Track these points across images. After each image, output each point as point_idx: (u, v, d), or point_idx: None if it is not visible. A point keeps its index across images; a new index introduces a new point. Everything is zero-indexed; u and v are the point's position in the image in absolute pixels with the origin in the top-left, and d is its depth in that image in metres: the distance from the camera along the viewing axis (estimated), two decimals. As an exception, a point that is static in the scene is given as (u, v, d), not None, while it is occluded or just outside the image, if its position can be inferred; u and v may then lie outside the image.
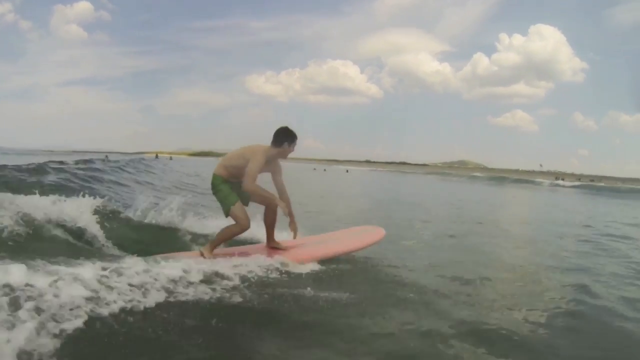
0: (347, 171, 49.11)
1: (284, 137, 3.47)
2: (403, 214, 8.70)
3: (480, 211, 10.84)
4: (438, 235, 5.98)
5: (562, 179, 51.99)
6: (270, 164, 3.52)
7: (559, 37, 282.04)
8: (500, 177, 48.95)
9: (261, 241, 3.91)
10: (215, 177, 3.52)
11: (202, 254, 3.36)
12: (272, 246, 3.72)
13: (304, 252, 3.61)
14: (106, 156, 26.79)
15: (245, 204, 3.56)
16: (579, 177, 58.22)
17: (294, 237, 3.73)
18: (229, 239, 3.62)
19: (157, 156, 47.14)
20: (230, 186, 3.48)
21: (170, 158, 46.71)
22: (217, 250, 3.50)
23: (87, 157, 21.74)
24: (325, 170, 47.82)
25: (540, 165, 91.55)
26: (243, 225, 3.40)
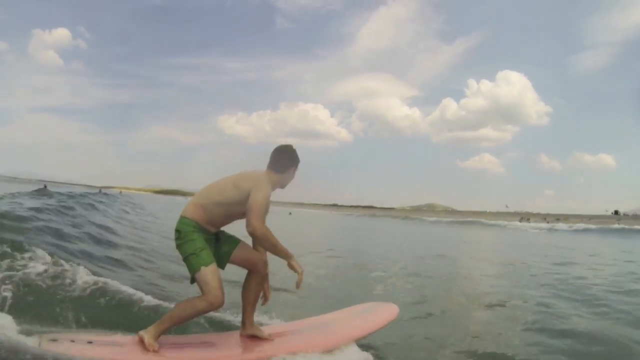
0: (290, 213, 45.77)
1: (291, 159, 2.59)
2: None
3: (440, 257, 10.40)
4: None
5: (528, 220, 52.70)
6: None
7: (525, 82, 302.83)
8: (467, 221, 49.39)
9: (232, 326, 2.93)
10: (184, 222, 2.45)
11: (141, 340, 2.30)
12: (251, 334, 2.63)
13: (298, 343, 2.52)
14: (44, 185, 25.00)
15: (221, 266, 2.52)
16: (544, 217, 59.99)
17: (298, 287, 2.49)
18: (188, 320, 2.45)
19: (120, 192, 45.36)
20: (205, 238, 2.44)
21: (120, 192, 44.25)
22: (164, 338, 2.38)
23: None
24: (290, 213, 45.70)
25: (507, 207, 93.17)
26: (215, 299, 2.31)
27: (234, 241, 2.57)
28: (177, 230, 2.42)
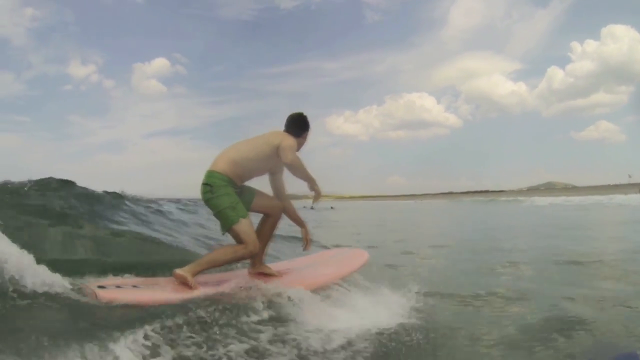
0: (332, 208, 39.71)
1: (305, 124, 2.83)
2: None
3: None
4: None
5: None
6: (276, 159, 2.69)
7: (633, 34, 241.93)
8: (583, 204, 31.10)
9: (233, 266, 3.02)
10: (215, 175, 2.58)
11: (182, 280, 2.39)
12: (260, 271, 2.79)
13: (303, 279, 2.71)
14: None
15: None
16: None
17: (307, 248, 3.01)
18: (225, 264, 2.67)
19: (332, 207, 42.32)
20: (236, 191, 2.63)
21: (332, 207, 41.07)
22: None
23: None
24: (332, 207, 40.26)
25: (630, 177, 79.52)
26: (254, 247, 2.57)
27: (252, 191, 2.78)
28: (208, 184, 2.55)
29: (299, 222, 2.94)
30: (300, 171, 2.64)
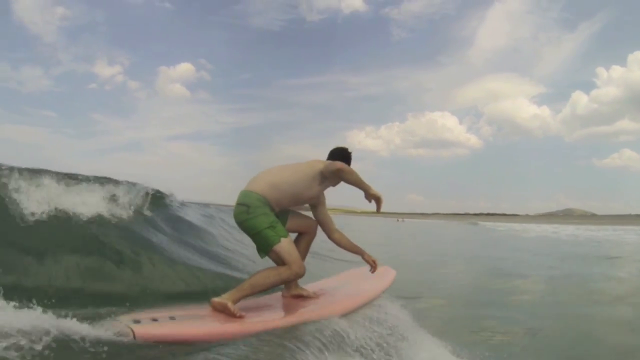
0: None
1: (347, 159, 2.69)
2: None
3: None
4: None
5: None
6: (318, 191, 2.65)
7: None
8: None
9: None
10: (253, 196, 2.42)
11: (222, 308, 2.21)
12: (295, 294, 2.67)
13: (341, 302, 2.58)
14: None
15: None
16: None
17: (375, 270, 2.79)
18: (268, 288, 2.41)
19: (398, 220, 42.55)
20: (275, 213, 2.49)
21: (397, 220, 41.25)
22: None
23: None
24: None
25: None
26: (299, 269, 2.39)
27: (286, 211, 2.65)
28: (244, 205, 2.41)
29: (356, 250, 2.74)
30: (353, 175, 2.45)
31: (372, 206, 2.52)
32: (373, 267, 2.73)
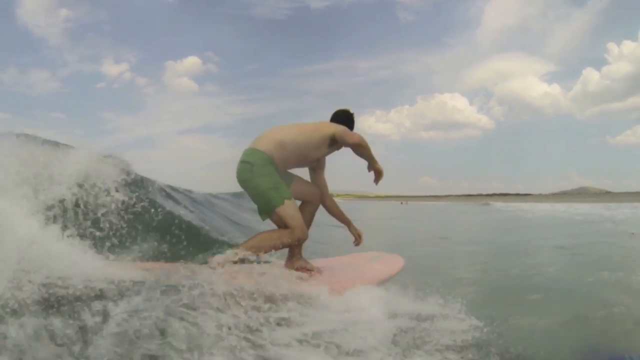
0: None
1: (353, 122, 2.68)
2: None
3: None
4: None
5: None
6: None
7: None
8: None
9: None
10: (255, 153, 2.34)
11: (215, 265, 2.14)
12: (299, 267, 2.45)
13: (344, 278, 2.46)
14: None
15: None
16: None
17: (359, 244, 2.83)
18: (267, 251, 2.24)
19: (401, 202, 43.57)
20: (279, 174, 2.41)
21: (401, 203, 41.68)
22: None
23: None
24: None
25: None
26: (302, 234, 2.34)
27: (291, 175, 2.58)
28: (248, 162, 2.33)
29: (344, 220, 2.73)
30: (367, 150, 2.42)
31: (384, 190, 2.29)
32: (357, 239, 2.75)
